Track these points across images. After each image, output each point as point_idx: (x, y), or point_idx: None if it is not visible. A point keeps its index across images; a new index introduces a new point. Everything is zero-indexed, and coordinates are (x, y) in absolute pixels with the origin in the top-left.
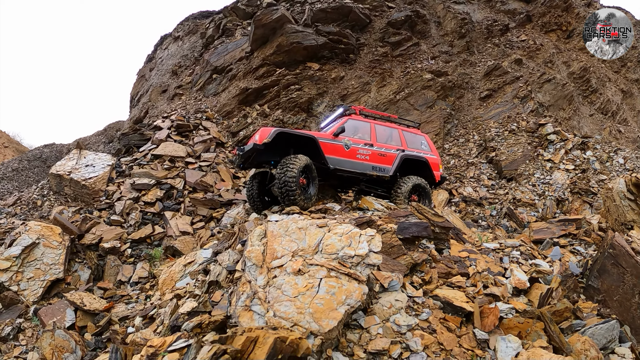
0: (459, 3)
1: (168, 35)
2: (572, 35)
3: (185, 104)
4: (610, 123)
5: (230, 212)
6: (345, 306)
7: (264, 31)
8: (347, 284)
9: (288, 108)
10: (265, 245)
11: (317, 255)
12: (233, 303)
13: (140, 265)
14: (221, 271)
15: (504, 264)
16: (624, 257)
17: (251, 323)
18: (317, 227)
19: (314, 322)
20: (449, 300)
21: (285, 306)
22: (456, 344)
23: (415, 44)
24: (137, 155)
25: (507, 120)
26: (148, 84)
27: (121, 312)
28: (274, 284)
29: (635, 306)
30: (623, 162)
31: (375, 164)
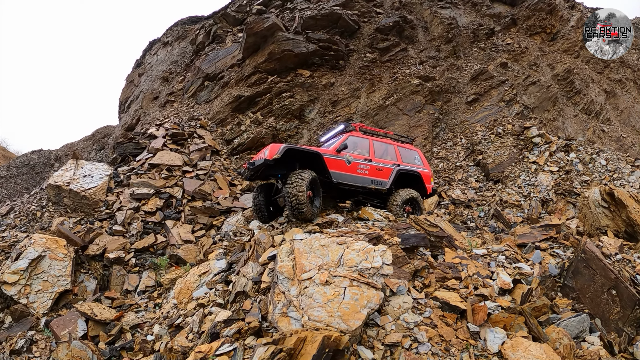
0: (446, 8)
1: (157, 40)
2: (556, 37)
3: (178, 111)
4: (594, 123)
5: (230, 220)
6: (367, 309)
7: (256, 39)
8: (367, 291)
9: (281, 115)
10: (294, 260)
11: (340, 268)
12: (270, 311)
13: (146, 274)
14: (247, 282)
15: (491, 268)
16: (594, 260)
17: (289, 327)
18: (337, 245)
19: (342, 322)
20: (446, 300)
21: (317, 311)
22: (453, 335)
23: (403, 50)
24: (134, 165)
25: (493, 124)
26: (138, 89)
27: (132, 321)
28: (305, 293)
29: (605, 302)
30: (605, 164)
31: (374, 177)
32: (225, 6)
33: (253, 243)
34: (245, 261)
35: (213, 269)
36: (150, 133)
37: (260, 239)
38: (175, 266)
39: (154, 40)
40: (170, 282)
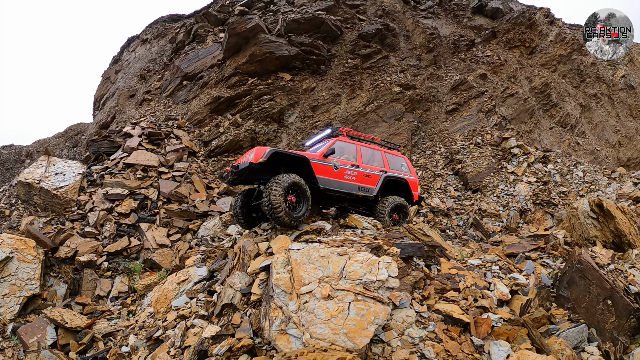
0: (428, 18)
1: (136, 37)
2: (534, 51)
3: (155, 110)
4: (569, 136)
5: (207, 224)
6: (374, 325)
7: (238, 40)
8: (373, 305)
9: (260, 118)
10: (291, 272)
11: (342, 281)
12: (265, 327)
13: (119, 280)
14: (234, 294)
15: (488, 279)
16: (590, 271)
17: (288, 345)
18: (338, 255)
19: (349, 340)
20: (448, 313)
21: (320, 328)
22: (459, 350)
23: (385, 57)
24: (108, 164)
25: (472, 134)
26: (114, 87)
27: (104, 329)
28: (305, 308)
29: (600, 312)
30: (582, 175)
31: (361, 184)
32: (207, 5)
33: (238, 251)
34: (230, 270)
35: (193, 276)
36: (126, 131)
37: (246, 246)
38: (149, 271)
39: (132, 37)
40: (144, 289)
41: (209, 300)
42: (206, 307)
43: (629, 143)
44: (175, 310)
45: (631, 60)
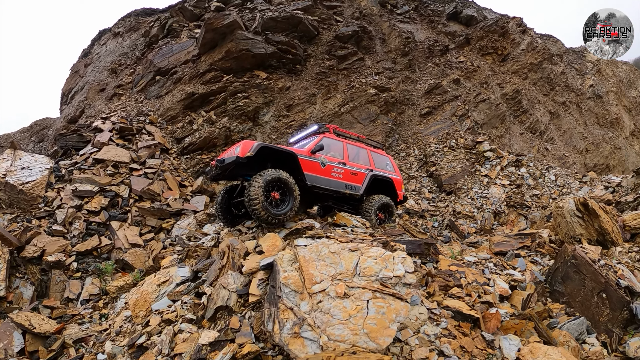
0: (404, 22)
1: (107, 30)
2: (506, 59)
3: (126, 105)
4: (539, 141)
5: (181, 223)
6: (396, 323)
7: (214, 35)
8: (393, 303)
9: (235, 116)
10: (300, 270)
11: (357, 278)
12: (276, 331)
13: (90, 281)
14: (229, 295)
15: (486, 275)
16: (584, 265)
17: (304, 350)
18: (349, 251)
19: (370, 341)
20: (458, 309)
21: (338, 329)
22: (473, 346)
23: (361, 59)
24: (78, 159)
25: (446, 137)
26: (83, 80)
27: (75, 334)
28: (320, 308)
29: (595, 305)
30: (554, 179)
31: (348, 182)
32: (182, 0)
33: (227, 249)
34: (220, 270)
35: (174, 278)
36: (96, 126)
37: (234, 245)
38: (122, 272)
39: (104, 30)
40: (117, 291)
41: (197, 302)
42: (193, 310)
43: (595, 150)
44: (158, 314)
45: (599, 71)
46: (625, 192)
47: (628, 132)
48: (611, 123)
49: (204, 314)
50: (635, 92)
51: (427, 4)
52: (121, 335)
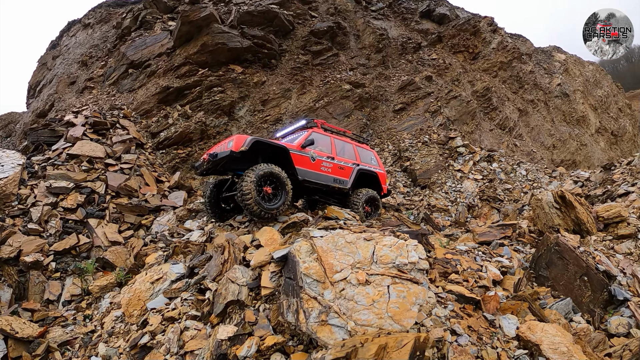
0: (378, 19)
1: (77, 21)
2: (477, 57)
3: (97, 98)
4: (508, 138)
5: (161, 219)
6: (417, 305)
7: (190, 28)
8: (412, 287)
9: (211, 110)
10: (319, 260)
11: (374, 266)
12: (302, 320)
13: (70, 281)
14: (240, 289)
15: (478, 262)
16: (567, 252)
17: (332, 336)
18: (364, 240)
19: (395, 323)
20: (461, 293)
21: (364, 314)
22: (479, 325)
23: (335, 55)
24: (51, 154)
25: (419, 132)
26: (52, 73)
27: (59, 337)
28: (343, 296)
29: (577, 287)
30: (525, 174)
31: (337, 176)
32: None
33: (227, 244)
34: (222, 264)
35: (169, 275)
36: (68, 120)
37: (233, 240)
38: (104, 271)
39: (73, 21)
40: (100, 290)
41: (200, 299)
42: (196, 306)
43: (562, 146)
44: (157, 313)
45: (566, 70)
46: (593, 186)
47: (593, 130)
48: (577, 121)
49: (211, 309)
50: (601, 91)
51: (400, 2)
52: (114, 337)
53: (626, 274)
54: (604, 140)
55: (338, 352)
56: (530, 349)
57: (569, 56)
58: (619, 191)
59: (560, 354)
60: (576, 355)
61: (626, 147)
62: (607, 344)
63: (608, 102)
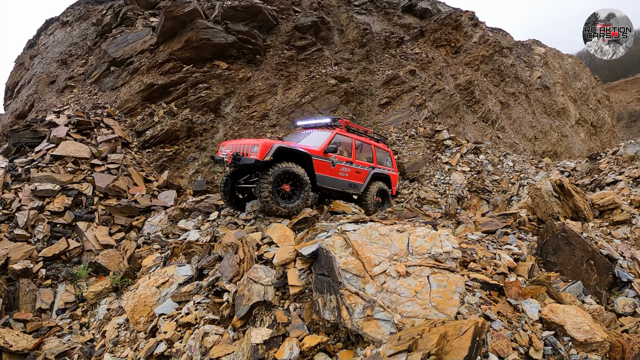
0: (361, 14)
1: (55, 19)
2: (459, 51)
3: (79, 97)
4: (491, 130)
5: (152, 220)
6: (457, 294)
7: (174, 24)
8: (451, 276)
9: (197, 107)
10: (356, 254)
11: (411, 257)
12: (345, 317)
13: (63, 288)
14: (265, 290)
15: (491, 250)
16: (574, 237)
17: (379, 331)
18: (398, 232)
19: (440, 312)
20: (484, 280)
21: (408, 306)
22: (506, 310)
23: (319, 50)
24: (34, 156)
25: (405, 126)
26: (30, 73)
27: (56, 348)
28: (385, 289)
29: (584, 271)
30: (512, 165)
31: (352, 181)
32: None
33: (240, 243)
34: (238, 264)
35: (176, 277)
36: (50, 120)
37: (246, 238)
38: (98, 276)
39: (51, 19)
40: (95, 296)
41: (217, 301)
42: (213, 310)
43: (543, 137)
44: (170, 319)
45: (546, 63)
46: (580, 176)
47: (574, 121)
48: (558, 112)
49: (232, 312)
50: (580, 83)
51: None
52: (120, 346)
53: (625, 257)
54: (584, 131)
55: (398, 346)
56: (554, 329)
57: (549, 49)
58: (607, 180)
59: (583, 332)
60: (598, 333)
61: (605, 138)
62: (617, 322)
63: (587, 94)
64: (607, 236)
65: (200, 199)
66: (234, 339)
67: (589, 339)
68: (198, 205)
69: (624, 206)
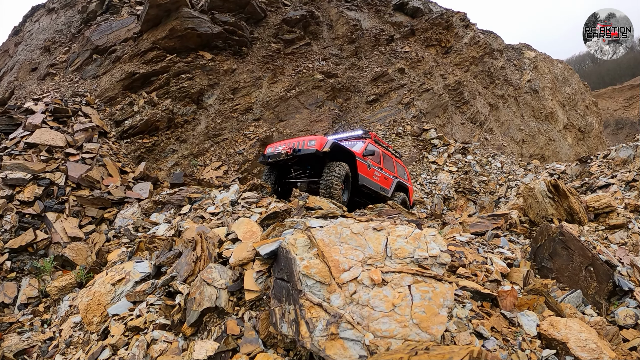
0: (352, 10)
1: (41, 6)
2: (449, 51)
3: (59, 85)
4: (479, 131)
5: (125, 213)
6: (445, 308)
7: (158, 12)
8: (438, 286)
9: (178, 98)
10: (321, 256)
11: (389, 261)
12: (304, 335)
13: (27, 282)
14: (218, 294)
15: (482, 254)
16: (572, 241)
17: (345, 353)
18: (374, 231)
19: (422, 332)
20: (475, 289)
21: (384, 323)
22: (501, 325)
23: (308, 44)
24: (7, 144)
25: (393, 124)
26: (13, 60)
27: (15, 345)
28: (355, 300)
29: (583, 279)
30: (500, 166)
31: (382, 185)
32: None
33: (199, 238)
34: (194, 262)
35: (132, 274)
36: (27, 107)
37: (206, 233)
38: (63, 270)
39: (37, 6)
40: (59, 292)
41: (169, 304)
42: (165, 313)
43: (531, 141)
44: (119, 321)
45: (536, 67)
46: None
47: (562, 126)
48: (546, 116)
49: (183, 317)
50: (569, 88)
51: None
52: (73, 347)
53: (624, 264)
54: (572, 136)
55: None
56: (555, 347)
57: (539, 54)
58: (599, 183)
59: (589, 351)
60: (606, 352)
61: (592, 144)
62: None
63: (576, 99)
64: (604, 241)
65: (173, 192)
66: (182, 349)
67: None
68: (171, 198)
69: (620, 210)
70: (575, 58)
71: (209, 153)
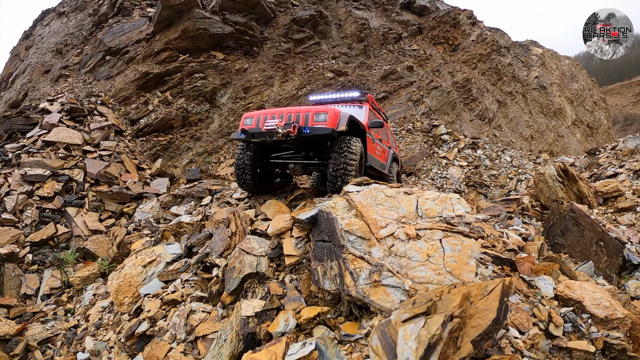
0: (360, 9)
1: (51, 10)
2: (457, 49)
3: (73, 86)
4: (488, 128)
5: (144, 207)
6: (473, 259)
7: (170, 13)
8: (465, 239)
9: (192, 97)
10: (360, 216)
11: (420, 220)
12: (349, 284)
13: (49, 274)
14: (258, 261)
15: (498, 230)
16: (582, 218)
17: (387, 298)
18: (405, 194)
19: (455, 278)
20: (496, 255)
21: (420, 271)
22: (520, 285)
23: (317, 43)
24: (25, 142)
25: (403, 121)
26: (25, 64)
27: (39, 334)
28: (394, 252)
29: (594, 253)
30: (510, 160)
31: (381, 161)
32: None
33: (233, 216)
34: (230, 237)
35: (163, 256)
36: (43, 107)
37: (238, 212)
38: (85, 262)
39: (47, 10)
40: (82, 282)
41: (206, 277)
42: (202, 287)
43: (540, 137)
44: (155, 297)
45: (543, 64)
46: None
47: (570, 122)
48: (554, 113)
49: (222, 287)
50: (576, 84)
51: None
52: (103, 329)
53: (633, 242)
54: (580, 132)
55: (415, 309)
56: (572, 306)
57: (546, 50)
58: (607, 173)
59: (604, 308)
60: (619, 309)
61: (601, 139)
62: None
63: (584, 95)
64: (613, 222)
65: (192, 185)
66: (222, 317)
67: (609, 315)
68: (191, 191)
69: (628, 194)
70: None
71: (222, 150)
